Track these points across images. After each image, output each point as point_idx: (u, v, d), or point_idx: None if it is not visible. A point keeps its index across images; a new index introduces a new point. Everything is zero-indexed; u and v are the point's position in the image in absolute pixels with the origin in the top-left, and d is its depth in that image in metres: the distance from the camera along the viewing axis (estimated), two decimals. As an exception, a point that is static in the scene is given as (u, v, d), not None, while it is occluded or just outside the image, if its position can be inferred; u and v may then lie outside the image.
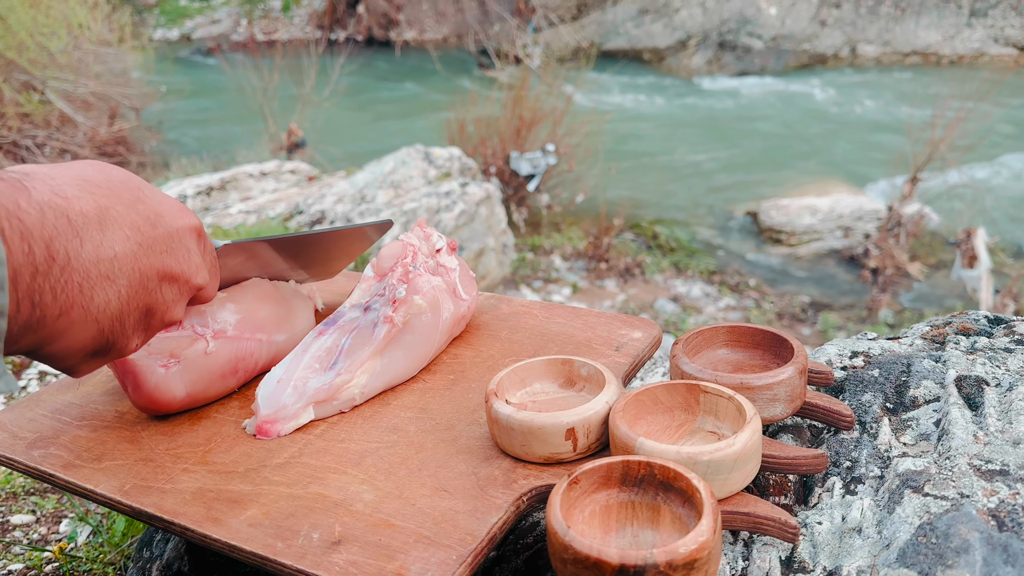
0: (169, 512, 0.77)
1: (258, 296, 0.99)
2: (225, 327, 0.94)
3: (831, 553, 0.74)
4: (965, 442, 0.81)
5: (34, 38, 7.13)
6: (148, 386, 0.89)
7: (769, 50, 12.81)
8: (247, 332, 0.96)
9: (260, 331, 0.97)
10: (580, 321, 1.06)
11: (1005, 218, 6.80)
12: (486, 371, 0.96)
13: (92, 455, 0.88)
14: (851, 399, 0.93)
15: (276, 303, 1.01)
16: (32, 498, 1.45)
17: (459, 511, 0.73)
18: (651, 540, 0.67)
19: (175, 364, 0.90)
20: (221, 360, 0.93)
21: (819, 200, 6.84)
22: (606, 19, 13.30)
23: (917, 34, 12.77)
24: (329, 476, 0.80)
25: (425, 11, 14.33)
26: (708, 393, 0.78)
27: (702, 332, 0.91)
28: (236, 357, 0.95)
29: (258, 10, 15.55)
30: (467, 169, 5.04)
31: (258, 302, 0.98)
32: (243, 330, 0.95)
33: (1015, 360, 0.94)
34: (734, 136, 9.36)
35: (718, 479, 0.70)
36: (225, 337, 0.94)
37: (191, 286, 0.77)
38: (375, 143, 8.06)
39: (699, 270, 6.03)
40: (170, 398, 0.90)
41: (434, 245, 1.02)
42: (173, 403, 0.91)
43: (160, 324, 0.75)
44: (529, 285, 5.49)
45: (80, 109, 7.52)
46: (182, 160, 6.89)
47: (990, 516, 0.70)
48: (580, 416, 0.76)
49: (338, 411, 0.91)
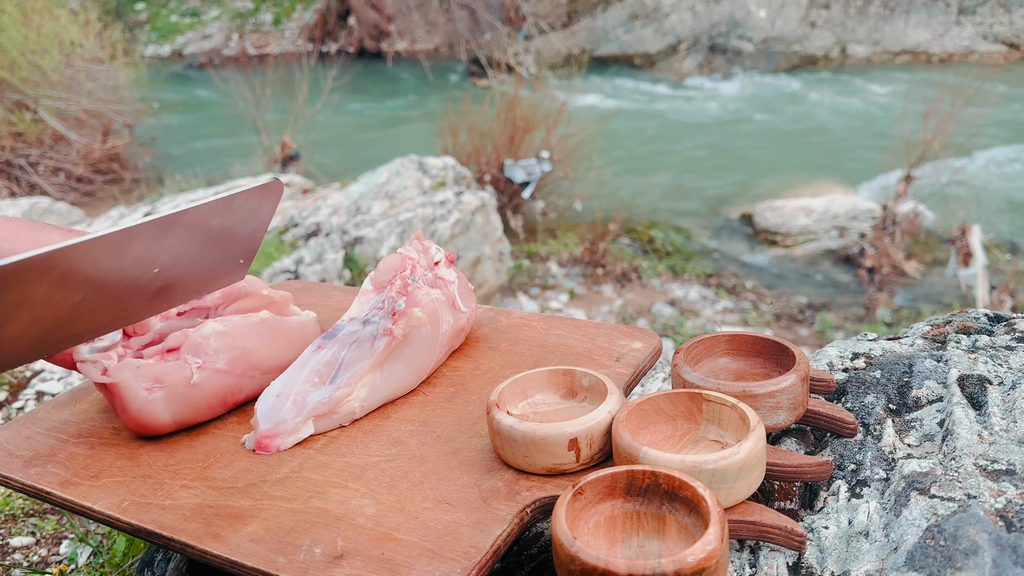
0: (169, 528, 0.76)
1: (261, 333, 0.97)
2: (217, 361, 0.93)
3: (839, 558, 0.74)
4: (970, 442, 0.81)
5: (26, 56, 7.13)
6: (132, 410, 0.89)
7: (760, 52, 12.85)
8: (239, 369, 0.94)
9: (254, 369, 0.96)
10: (580, 332, 1.06)
11: (999, 214, 6.81)
12: (486, 383, 0.96)
13: (90, 472, 0.87)
14: (853, 401, 0.93)
15: (281, 342, 0.98)
16: (32, 519, 1.44)
17: (462, 524, 0.72)
18: (657, 550, 0.66)
19: (159, 389, 0.89)
20: (207, 392, 0.92)
21: (813, 201, 6.84)
22: (596, 25, 13.33)
23: (907, 33, 12.82)
24: (330, 490, 0.79)
25: (416, 21, 14.36)
26: (711, 402, 0.77)
27: (703, 341, 0.91)
28: (224, 392, 0.94)
29: (249, 24, 15.57)
30: (462, 178, 5.04)
31: (259, 340, 0.96)
32: (236, 367, 0.94)
33: (1017, 358, 0.94)
34: (727, 139, 9.37)
35: (723, 488, 0.69)
36: (214, 370, 0.92)
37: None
38: (369, 154, 8.06)
39: (696, 273, 6.03)
40: (155, 422, 0.90)
41: (432, 258, 1.01)
42: (159, 426, 0.90)
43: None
44: (526, 292, 5.48)
45: (73, 127, 7.51)
46: (176, 176, 6.89)
47: (998, 517, 0.70)
48: (583, 426, 0.76)
49: (338, 425, 0.90)
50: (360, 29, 14.38)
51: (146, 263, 0.77)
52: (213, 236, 0.84)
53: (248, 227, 0.88)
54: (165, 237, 0.77)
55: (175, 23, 15.82)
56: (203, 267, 0.87)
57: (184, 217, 0.78)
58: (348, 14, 14.62)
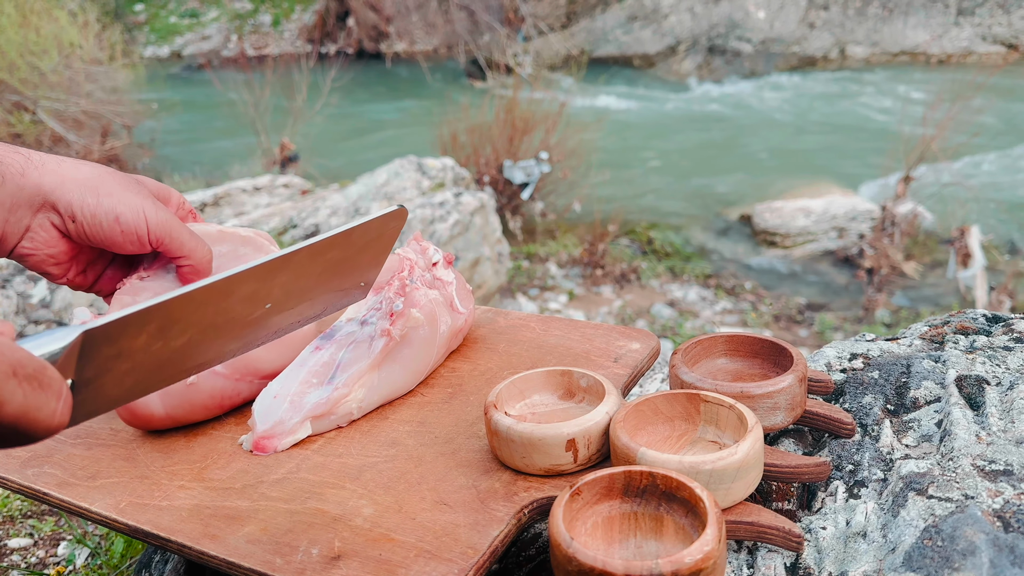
0: (166, 529, 0.76)
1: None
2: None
3: (836, 558, 0.74)
4: (968, 442, 0.81)
5: (25, 58, 7.13)
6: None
7: (759, 53, 12.86)
8: (238, 373, 0.93)
9: (253, 375, 0.94)
10: (578, 333, 1.05)
11: (998, 215, 6.82)
12: (484, 384, 0.96)
13: (87, 473, 0.87)
14: (851, 401, 0.93)
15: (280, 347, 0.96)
16: (29, 521, 1.44)
17: (460, 524, 0.72)
18: (655, 551, 0.66)
19: None
20: (203, 394, 0.91)
21: (812, 201, 6.85)
22: (595, 26, 13.34)
23: (905, 34, 12.84)
24: (327, 491, 0.79)
25: (415, 23, 14.36)
26: (709, 402, 0.77)
27: (701, 341, 0.91)
28: (221, 394, 0.92)
29: (248, 25, 15.58)
30: (461, 179, 5.04)
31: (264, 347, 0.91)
32: (234, 371, 0.93)
33: (1015, 358, 0.94)
34: (726, 140, 9.38)
35: (721, 488, 0.69)
36: (212, 372, 0.91)
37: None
38: (368, 155, 8.06)
39: (695, 274, 6.04)
40: (148, 414, 0.89)
41: (431, 258, 1.01)
42: (152, 419, 0.90)
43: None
44: (525, 293, 5.48)
45: (72, 128, 7.52)
46: (175, 177, 6.89)
47: (995, 517, 0.70)
48: (581, 427, 0.76)
49: (336, 426, 0.90)
50: (359, 30, 14.39)
51: (256, 301, 0.72)
52: (331, 267, 0.78)
53: (370, 254, 0.83)
54: (277, 276, 0.72)
55: (174, 24, 15.83)
56: (320, 297, 0.81)
57: (298, 255, 0.72)
58: (347, 15, 14.63)
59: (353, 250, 0.79)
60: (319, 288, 0.78)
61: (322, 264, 0.76)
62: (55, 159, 0.86)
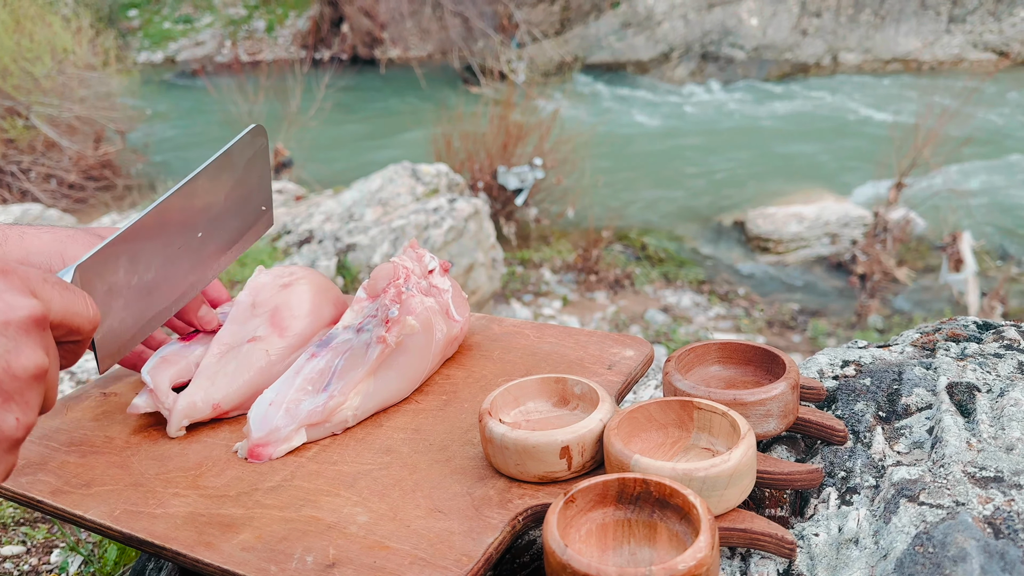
0: (160, 537, 0.76)
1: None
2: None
3: (828, 565, 0.74)
4: (959, 449, 0.81)
5: (18, 63, 7.11)
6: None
7: (751, 60, 12.91)
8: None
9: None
10: (572, 340, 1.06)
11: (989, 221, 6.85)
12: (479, 391, 0.96)
13: (81, 481, 0.87)
14: (843, 408, 0.93)
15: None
16: (22, 528, 1.43)
17: (454, 532, 0.73)
18: (648, 558, 0.67)
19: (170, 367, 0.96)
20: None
21: (805, 208, 6.87)
22: (589, 33, 13.37)
23: (897, 41, 12.90)
24: (322, 499, 0.79)
25: (409, 29, 14.38)
26: (702, 410, 0.78)
27: (694, 349, 0.91)
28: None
29: (242, 31, 15.57)
30: (455, 185, 5.04)
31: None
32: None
33: (1005, 365, 0.95)
34: (718, 146, 9.41)
35: (714, 495, 0.70)
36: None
37: (23, 323, 0.55)
38: (362, 161, 8.06)
39: (688, 280, 6.05)
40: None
41: (426, 266, 1.02)
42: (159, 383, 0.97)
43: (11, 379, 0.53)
44: (519, 299, 5.49)
45: (65, 134, 7.50)
46: (169, 183, 6.87)
47: (986, 523, 0.70)
48: (575, 434, 0.76)
49: (330, 433, 0.90)
50: (353, 36, 14.40)
51: (189, 229, 0.92)
52: (231, 190, 0.97)
53: (255, 174, 1.01)
54: (192, 200, 0.91)
55: (168, 30, 15.80)
56: (235, 220, 1.00)
57: (199, 179, 0.91)
58: (341, 21, 14.63)
59: (239, 172, 0.98)
60: (231, 210, 0.99)
61: (222, 188, 0.96)
62: (17, 231, 0.90)
